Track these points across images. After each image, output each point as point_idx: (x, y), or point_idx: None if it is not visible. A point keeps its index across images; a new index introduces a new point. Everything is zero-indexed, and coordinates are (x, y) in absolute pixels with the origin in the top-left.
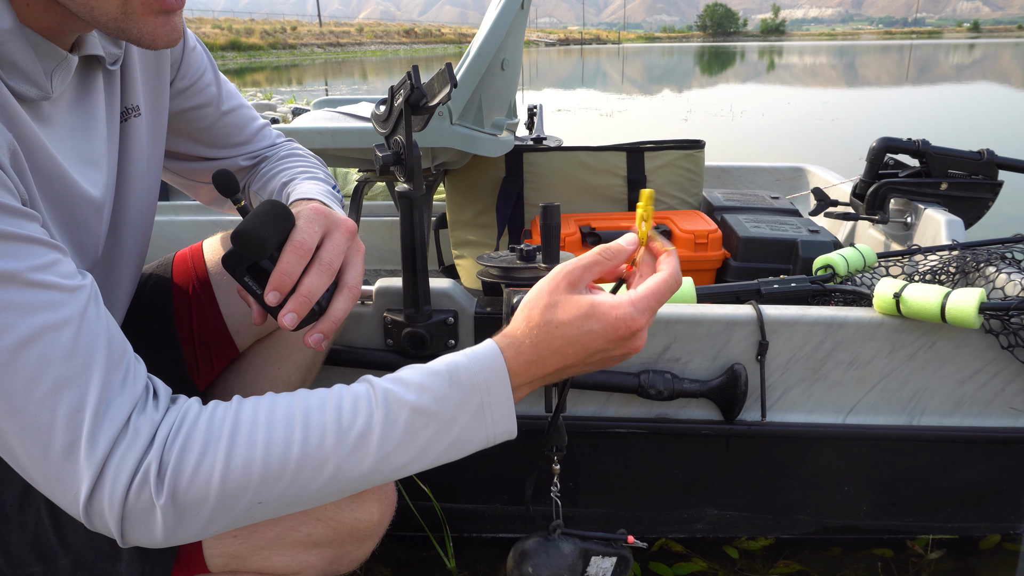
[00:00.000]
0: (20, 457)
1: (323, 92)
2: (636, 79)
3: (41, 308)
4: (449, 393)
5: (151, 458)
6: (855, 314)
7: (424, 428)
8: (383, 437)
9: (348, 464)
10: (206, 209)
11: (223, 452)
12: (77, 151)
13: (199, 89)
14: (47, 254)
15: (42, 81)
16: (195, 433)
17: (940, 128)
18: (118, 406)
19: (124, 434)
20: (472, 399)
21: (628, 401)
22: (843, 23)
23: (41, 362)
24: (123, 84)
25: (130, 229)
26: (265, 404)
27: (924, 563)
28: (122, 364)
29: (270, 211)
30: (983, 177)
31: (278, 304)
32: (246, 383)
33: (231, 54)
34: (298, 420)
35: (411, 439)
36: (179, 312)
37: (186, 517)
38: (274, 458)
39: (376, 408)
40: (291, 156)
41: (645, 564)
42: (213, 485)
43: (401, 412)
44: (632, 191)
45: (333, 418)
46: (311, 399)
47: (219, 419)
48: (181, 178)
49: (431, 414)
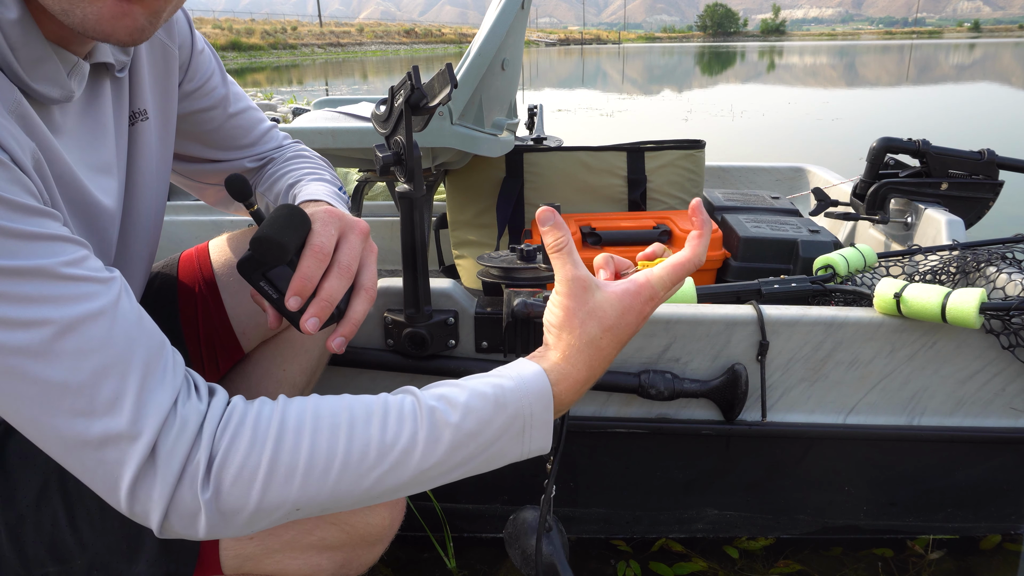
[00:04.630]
0: (57, 446)
1: (323, 92)
2: (636, 79)
3: (75, 300)
4: (493, 416)
5: (201, 450)
6: (855, 314)
7: (464, 448)
8: (424, 455)
9: (387, 478)
10: (206, 209)
11: (268, 456)
12: (88, 160)
13: (207, 91)
14: (76, 250)
15: (65, 82)
16: (242, 431)
17: (940, 128)
18: (161, 393)
19: (171, 423)
20: (515, 423)
21: (628, 401)
22: (843, 23)
23: (79, 352)
24: (131, 88)
25: (139, 232)
26: (311, 409)
27: (924, 563)
28: (162, 353)
29: (288, 216)
30: (983, 177)
31: (299, 309)
32: (251, 385)
33: (231, 54)
34: (343, 430)
35: (450, 457)
36: (185, 313)
37: (228, 516)
38: (317, 467)
39: (420, 426)
40: (297, 158)
41: (645, 564)
42: (256, 488)
43: (444, 432)
44: (632, 191)
45: (378, 432)
46: (356, 408)
47: (265, 420)
48: (188, 179)
49: (473, 435)
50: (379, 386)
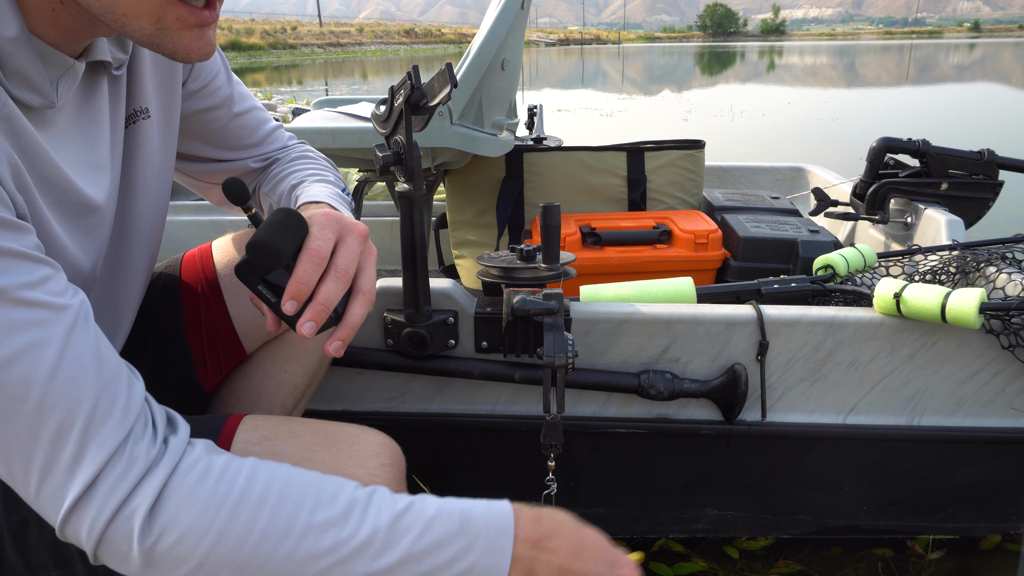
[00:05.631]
0: (8, 473)
1: (323, 92)
2: (636, 79)
3: (25, 327)
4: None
5: (143, 496)
6: (855, 314)
7: (418, 563)
8: (375, 556)
9: (335, 570)
10: (206, 209)
11: (219, 526)
12: (80, 157)
13: (212, 91)
14: (37, 270)
15: (47, 91)
16: (199, 490)
17: (940, 128)
18: (110, 430)
19: (117, 460)
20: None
21: (628, 401)
22: (843, 23)
23: (24, 382)
24: (131, 87)
25: (138, 231)
26: (279, 482)
27: (924, 563)
28: (116, 387)
29: (284, 220)
30: (983, 177)
31: (295, 313)
32: (252, 386)
33: (231, 54)
34: (303, 515)
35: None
36: (187, 313)
37: (158, 568)
38: (265, 549)
39: (380, 528)
40: (302, 159)
41: (645, 564)
42: (196, 556)
43: (403, 541)
44: (632, 191)
45: (337, 522)
46: (324, 491)
47: (227, 484)
48: (192, 179)
49: (427, 555)
50: (379, 386)
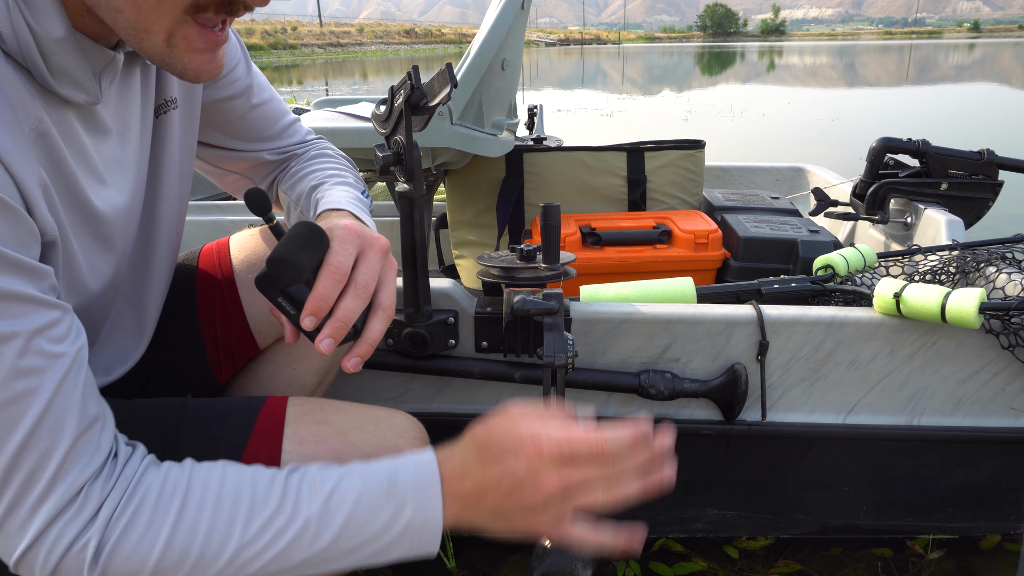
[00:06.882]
0: None
1: (323, 92)
2: (636, 79)
3: (24, 375)
4: (384, 508)
5: (92, 533)
6: (855, 314)
7: (355, 536)
8: (313, 539)
9: (276, 562)
10: (208, 209)
11: (161, 545)
12: (115, 153)
13: (231, 80)
14: (48, 314)
15: (93, 88)
16: (141, 512)
17: (940, 128)
18: (76, 475)
19: (73, 503)
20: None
21: (628, 401)
22: (843, 23)
23: (10, 426)
24: (160, 76)
25: (163, 221)
26: (214, 487)
27: (924, 563)
28: (88, 434)
29: (305, 235)
30: (983, 177)
31: (314, 328)
32: (262, 381)
33: None
34: (240, 518)
35: (337, 544)
36: (203, 308)
37: None
38: (211, 549)
39: (312, 515)
40: (321, 156)
41: (645, 564)
42: (146, 570)
43: (336, 518)
44: (632, 191)
45: (271, 517)
46: (257, 489)
47: (167, 496)
48: (208, 164)
49: (364, 524)
50: (379, 385)
